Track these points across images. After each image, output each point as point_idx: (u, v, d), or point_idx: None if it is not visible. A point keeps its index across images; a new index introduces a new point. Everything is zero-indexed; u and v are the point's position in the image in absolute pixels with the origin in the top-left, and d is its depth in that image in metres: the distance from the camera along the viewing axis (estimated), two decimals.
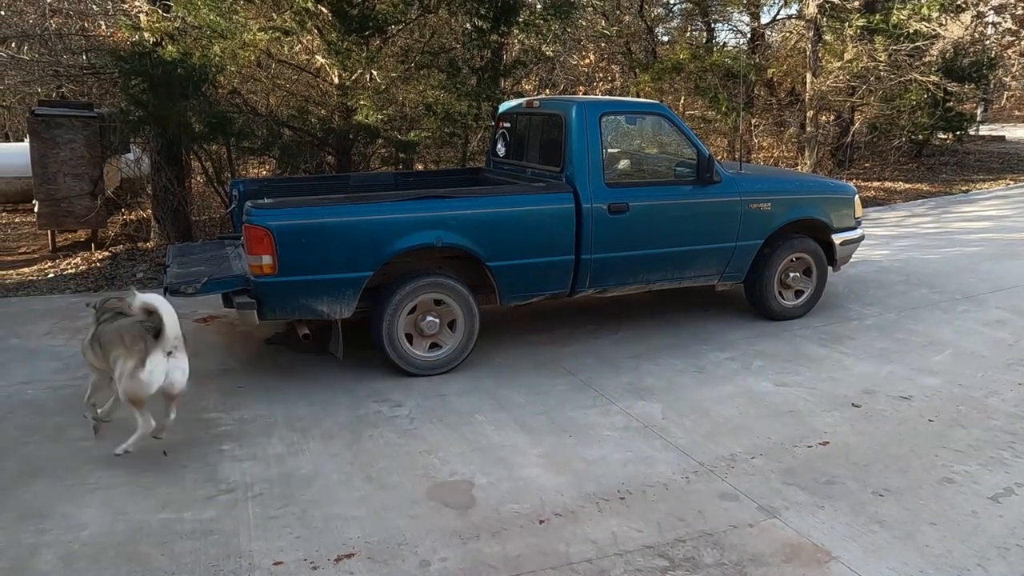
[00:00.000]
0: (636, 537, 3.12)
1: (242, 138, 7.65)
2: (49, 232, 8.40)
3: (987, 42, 16.68)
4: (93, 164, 8.17)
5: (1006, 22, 17.33)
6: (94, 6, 11.13)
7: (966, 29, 14.00)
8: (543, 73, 13.64)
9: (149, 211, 8.98)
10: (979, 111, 18.82)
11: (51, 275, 7.48)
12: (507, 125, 6.13)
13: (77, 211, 8.13)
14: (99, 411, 3.90)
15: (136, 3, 8.10)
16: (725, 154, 13.43)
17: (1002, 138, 19.35)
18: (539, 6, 9.20)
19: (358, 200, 4.92)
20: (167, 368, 3.51)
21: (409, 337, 4.80)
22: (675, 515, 3.28)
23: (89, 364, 3.83)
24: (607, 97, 11.62)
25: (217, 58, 7.44)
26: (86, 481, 3.55)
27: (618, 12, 14.02)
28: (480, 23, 8.37)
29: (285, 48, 8.42)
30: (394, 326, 4.70)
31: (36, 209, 8.18)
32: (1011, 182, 13.42)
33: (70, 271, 7.62)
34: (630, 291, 5.52)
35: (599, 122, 5.14)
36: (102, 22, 11.27)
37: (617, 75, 15.16)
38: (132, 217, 9.74)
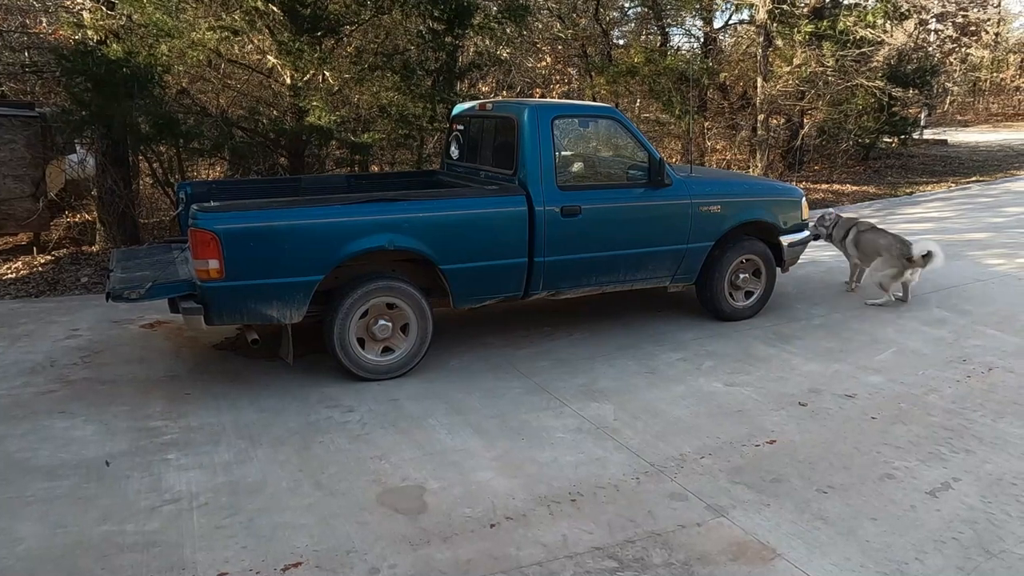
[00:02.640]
0: (586, 539, 3.14)
1: (190, 139, 7.50)
2: None
3: (930, 49, 17.21)
4: (34, 165, 7.93)
5: (948, 29, 17.93)
6: (35, 2, 10.78)
7: (909, 36, 14.45)
8: (500, 75, 13.65)
9: (95, 214, 8.73)
10: (923, 115, 19.37)
11: None
12: (460, 127, 6.11)
13: (17, 213, 7.89)
14: (853, 285, 6.76)
15: (79, 0, 7.87)
16: (680, 157, 13.61)
17: (945, 142, 19.98)
18: (494, 8, 9.18)
19: (308, 203, 4.86)
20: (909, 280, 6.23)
21: (361, 341, 4.75)
22: (625, 516, 3.31)
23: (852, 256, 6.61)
24: (560, 100, 11.68)
25: (164, 57, 7.29)
26: (23, 494, 3.44)
27: (574, 15, 14.09)
28: (435, 25, 8.35)
29: (236, 48, 8.28)
30: (346, 330, 4.65)
31: None
32: (952, 185, 13.86)
33: (10, 276, 7.36)
34: (584, 293, 5.55)
35: (551, 125, 5.16)
36: (44, 19, 10.94)
37: (574, 77, 15.25)
38: (77, 220, 9.46)
